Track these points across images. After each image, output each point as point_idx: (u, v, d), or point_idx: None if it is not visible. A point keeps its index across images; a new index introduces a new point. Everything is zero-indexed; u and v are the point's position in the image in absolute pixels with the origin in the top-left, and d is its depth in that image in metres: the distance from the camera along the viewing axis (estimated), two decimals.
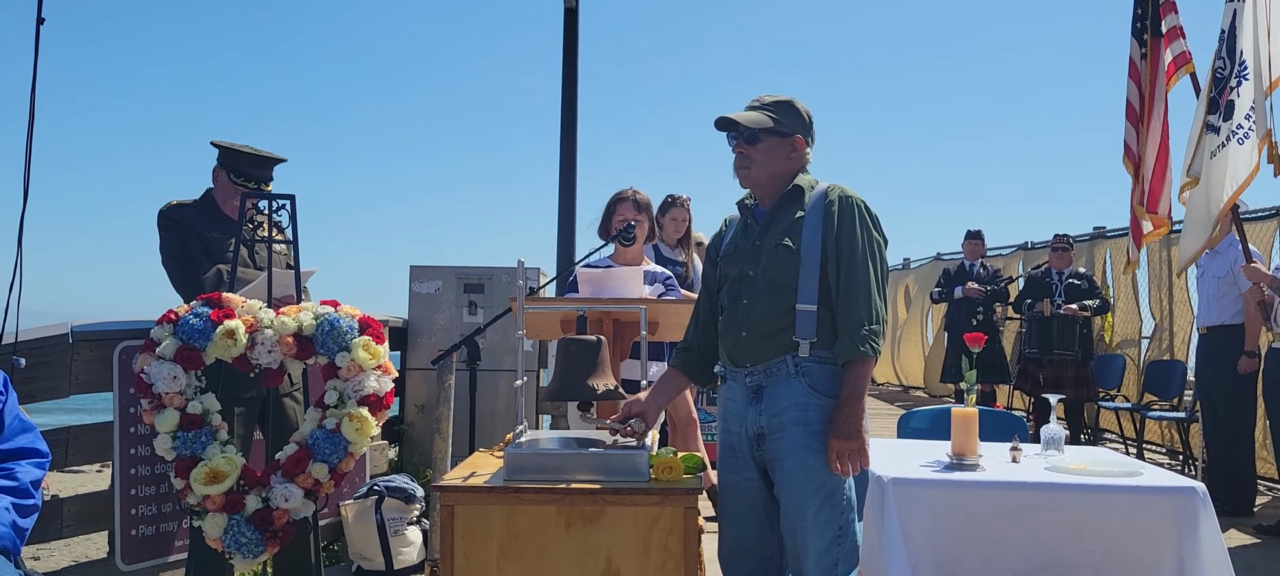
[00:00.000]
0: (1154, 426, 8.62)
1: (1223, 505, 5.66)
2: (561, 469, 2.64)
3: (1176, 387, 8.00)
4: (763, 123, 2.78)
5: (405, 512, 4.59)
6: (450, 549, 2.57)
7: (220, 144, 3.88)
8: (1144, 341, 9.13)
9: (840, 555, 2.66)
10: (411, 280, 6.30)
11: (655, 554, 2.54)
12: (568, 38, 7.15)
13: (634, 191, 4.65)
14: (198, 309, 3.33)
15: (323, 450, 3.36)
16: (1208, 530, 2.93)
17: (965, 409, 3.24)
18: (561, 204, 7.02)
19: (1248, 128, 4.99)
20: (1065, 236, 8.66)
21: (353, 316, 3.45)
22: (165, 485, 3.71)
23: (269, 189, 3.87)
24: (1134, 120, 6.12)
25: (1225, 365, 6.23)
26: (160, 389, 3.25)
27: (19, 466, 2.49)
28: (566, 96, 7.09)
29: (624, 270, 4.27)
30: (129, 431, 3.70)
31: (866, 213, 2.75)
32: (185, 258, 3.77)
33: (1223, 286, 6.26)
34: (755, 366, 2.75)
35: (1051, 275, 8.60)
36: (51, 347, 3.65)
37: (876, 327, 2.67)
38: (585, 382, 2.85)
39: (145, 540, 3.76)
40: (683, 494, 2.56)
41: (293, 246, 3.67)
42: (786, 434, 2.68)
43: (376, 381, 3.43)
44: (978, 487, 3.05)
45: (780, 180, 2.81)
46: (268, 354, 3.35)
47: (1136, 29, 6.12)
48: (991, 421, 3.94)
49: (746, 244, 2.84)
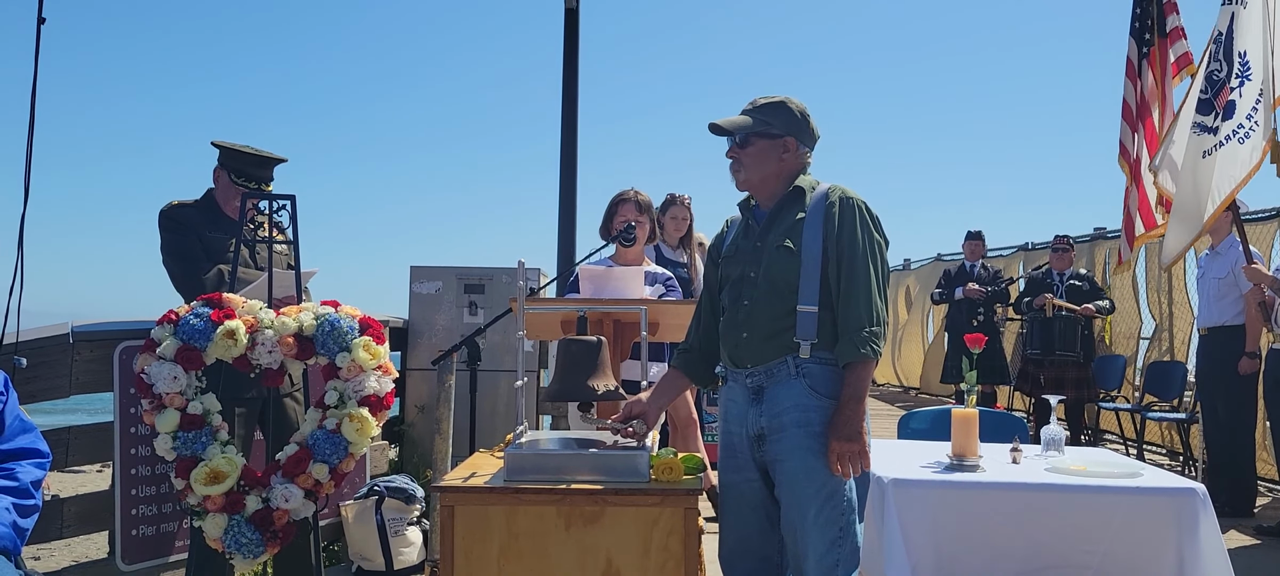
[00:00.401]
0: (1154, 427, 8.62)
1: (1223, 506, 5.66)
2: (562, 469, 2.64)
3: (1177, 388, 8.00)
4: (749, 126, 2.78)
5: (405, 513, 4.59)
6: (450, 549, 2.57)
7: (221, 144, 3.88)
8: (1144, 342, 9.13)
9: (841, 556, 2.66)
10: (412, 280, 6.30)
11: (655, 554, 2.54)
12: (568, 38, 7.16)
13: (635, 192, 4.65)
14: (198, 309, 3.33)
15: (323, 450, 3.36)
16: (1208, 531, 2.93)
17: (965, 410, 3.24)
18: (562, 204, 7.03)
19: (1249, 127, 4.99)
20: (1065, 237, 8.67)
21: (353, 317, 3.46)
22: (166, 485, 3.71)
23: (270, 189, 3.87)
24: (1130, 120, 6.13)
25: (1226, 366, 6.23)
26: (161, 389, 3.25)
27: (19, 466, 2.50)
28: (567, 96, 7.10)
29: (625, 270, 4.27)
30: (129, 431, 3.70)
31: (867, 214, 2.76)
32: (186, 257, 3.77)
33: (1223, 287, 6.26)
34: (756, 367, 2.75)
35: (1052, 276, 8.61)
36: (52, 348, 3.65)
37: (877, 329, 2.67)
38: (585, 383, 2.85)
39: (145, 540, 3.76)
40: (683, 494, 2.56)
41: (293, 247, 3.67)
42: (787, 435, 2.68)
43: (377, 382, 3.43)
44: (978, 488, 3.05)
45: (775, 181, 2.81)
46: (268, 354, 3.35)
47: (1135, 29, 6.13)
48: (992, 422, 3.94)
49: (748, 245, 2.84)
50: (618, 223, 4.53)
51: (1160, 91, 5.96)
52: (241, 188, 3.78)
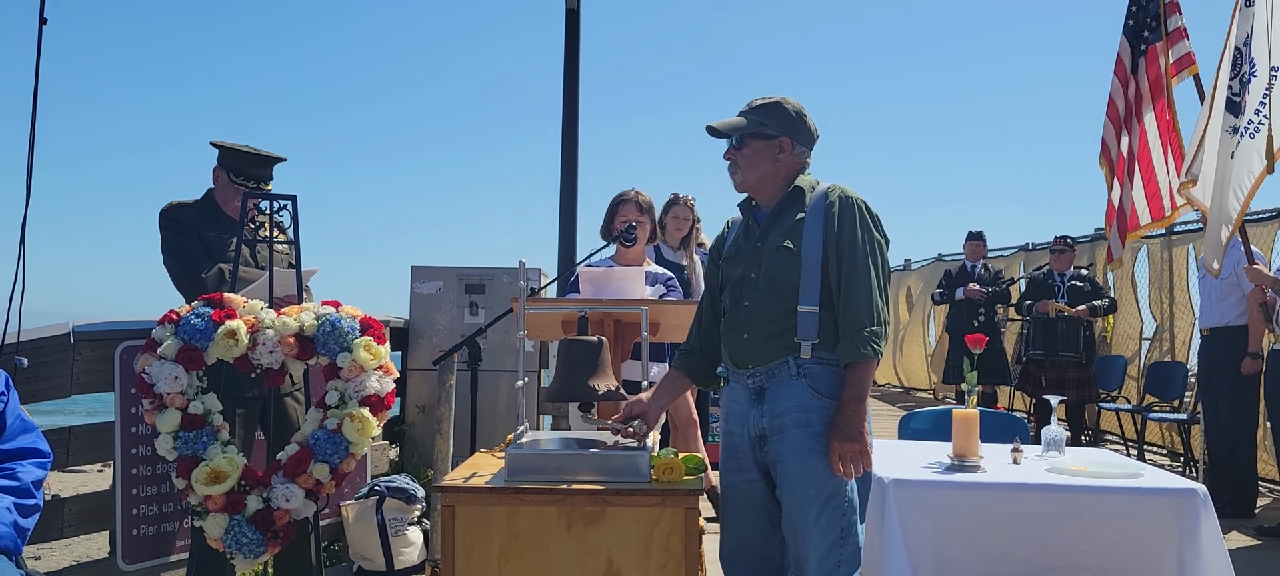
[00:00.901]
0: (1155, 428, 8.61)
1: (1223, 507, 5.66)
2: (563, 469, 2.64)
3: (1178, 389, 7.99)
4: (743, 127, 2.79)
5: (406, 513, 4.59)
6: (451, 549, 2.57)
7: (220, 144, 3.88)
8: (1145, 342, 9.12)
9: (842, 557, 2.66)
10: (412, 280, 6.30)
11: (656, 554, 2.54)
12: (569, 38, 7.16)
13: (636, 192, 4.65)
14: (199, 309, 3.33)
15: (324, 450, 3.36)
16: (1208, 532, 2.93)
17: (966, 410, 3.24)
18: (562, 204, 7.03)
19: (1258, 122, 4.99)
20: (1065, 238, 8.66)
21: (354, 317, 3.46)
22: (166, 485, 3.71)
23: (269, 188, 3.87)
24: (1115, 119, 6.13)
25: (1228, 367, 6.23)
26: (162, 389, 3.25)
27: (20, 466, 2.50)
28: (568, 96, 7.10)
29: (626, 270, 4.27)
30: (130, 431, 3.70)
31: (867, 213, 2.76)
32: (187, 257, 3.77)
33: (1225, 288, 6.26)
34: (757, 368, 2.75)
35: (1054, 277, 8.60)
36: (53, 347, 3.65)
37: (878, 329, 2.67)
38: (586, 383, 2.85)
39: (146, 540, 3.76)
40: (684, 495, 2.56)
41: (294, 247, 3.67)
42: (788, 435, 2.68)
43: (378, 382, 3.44)
44: (979, 489, 3.05)
45: (773, 182, 2.81)
46: (269, 354, 3.35)
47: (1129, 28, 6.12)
48: (992, 423, 3.94)
49: (748, 245, 2.84)
50: (618, 223, 4.53)
51: (1163, 89, 5.94)
52: (241, 187, 3.78)
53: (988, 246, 10.07)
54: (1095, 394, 8.68)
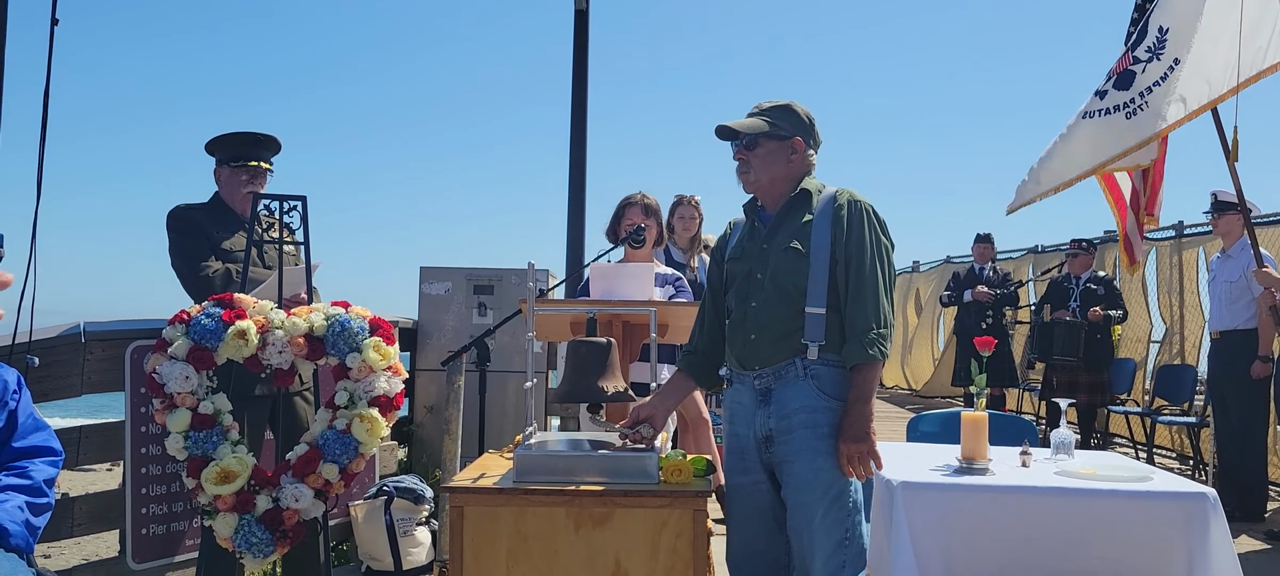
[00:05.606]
0: (1164, 431, 8.58)
1: (1233, 511, 5.64)
2: (571, 470, 2.64)
3: (1187, 392, 7.96)
4: (759, 127, 2.79)
5: (414, 513, 4.60)
6: (459, 550, 2.57)
7: (212, 140, 3.88)
8: (1154, 345, 9.09)
9: (847, 558, 2.66)
10: (421, 281, 6.31)
11: (664, 556, 2.54)
12: (578, 40, 7.16)
13: (643, 195, 4.65)
14: (209, 309, 3.34)
15: (333, 450, 3.37)
16: (1218, 536, 2.92)
17: (975, 413, 3.23)
18: (571, 205, 7.03)
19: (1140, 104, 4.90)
20: (1080, 241, 8.61)
21: (363, 317, 3.46)
22: (176, 484, 3.73)
23: (269, 169, 3.86)
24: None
25: (1238, 370, 6.21)
26: (172, 388, 3.26)
27: (32, 464, 2.51)
28: (577, 98, 7.10)
29: (636, 266, 4.26)
30: (140, 431, 3.72)
31: (875, 217, 2.77)
32: (195, 258, 3.78)
33: (1236, 291, 6.24)
34: (764, 369, 2.75)
35: (1070, 280, 8.55)
36: (64, 347, 3.67)
37: (884, 331, 2.68)
38: (595, 384, 2.85)
39: (155, 539, 3.78)
40: (691, 496, 2.56)
41: (304, 248, 3.68)
42: (795, 436, 2.69)
43: (387, 382, 3.44)
44: (987, 492, 3.04)
45: (782, 183, 2.82)
46: (279, 354, 3.36)
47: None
48: (1001, 425, 3.93)
49: (753, 246, 2.84)
50: (625, 226, 4.53)
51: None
52: (241, 170, 3.78)
53: (996, 248, 10.04)
54: (1109, 398, 8.64)
